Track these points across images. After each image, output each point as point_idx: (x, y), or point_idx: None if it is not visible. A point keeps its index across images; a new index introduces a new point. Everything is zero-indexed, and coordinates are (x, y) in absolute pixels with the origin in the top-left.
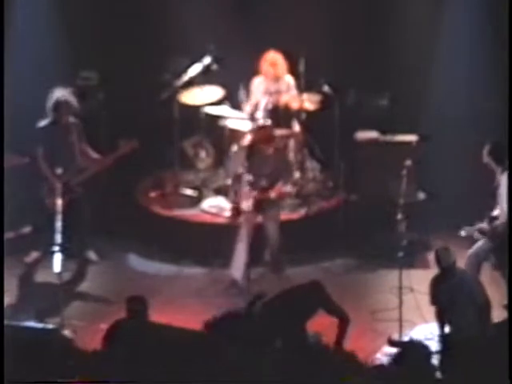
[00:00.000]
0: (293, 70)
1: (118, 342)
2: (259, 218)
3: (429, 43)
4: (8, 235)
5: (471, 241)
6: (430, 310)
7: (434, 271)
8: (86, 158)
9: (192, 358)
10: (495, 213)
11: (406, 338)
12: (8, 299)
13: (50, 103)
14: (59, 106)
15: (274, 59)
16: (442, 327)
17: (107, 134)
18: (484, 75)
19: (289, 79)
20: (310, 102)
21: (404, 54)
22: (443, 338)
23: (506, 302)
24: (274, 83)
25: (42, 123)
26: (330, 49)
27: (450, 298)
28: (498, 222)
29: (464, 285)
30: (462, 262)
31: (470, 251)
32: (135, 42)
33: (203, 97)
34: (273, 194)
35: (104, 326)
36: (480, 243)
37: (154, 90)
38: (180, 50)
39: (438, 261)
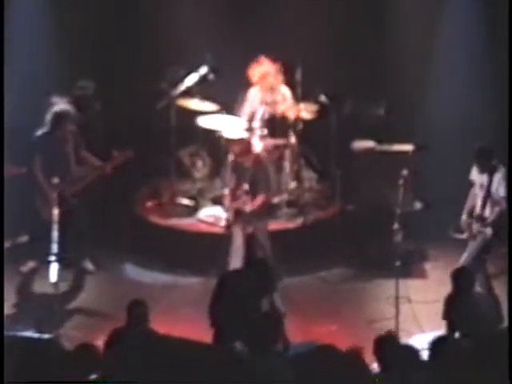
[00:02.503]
0: (289, 80)
1: (117, 351)
2: (249, 229)
3: (425, 52)
4: (5, 245)
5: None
6: (426, 320)
7: (430, 281)
8: (87, 165)
9: (193, 368)
10: (486, 213)
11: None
12: (4, 309)
13: (49, 115)
14: (60, 117)
15: (264, 70)
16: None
17: (104, 143)
18: (482, 84)
19: (284, 90)
20: (306, 111)
21: (400, 64)
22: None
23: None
24: (270, 94)
25: (39, 133)
26: (327, 58)
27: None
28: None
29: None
30: None
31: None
32: (132, 51)
33: (200, 107)
34: (248, 208)
35: (102, 338)
36: (467, 256)
37: (151, 99)
38: (177, 59)
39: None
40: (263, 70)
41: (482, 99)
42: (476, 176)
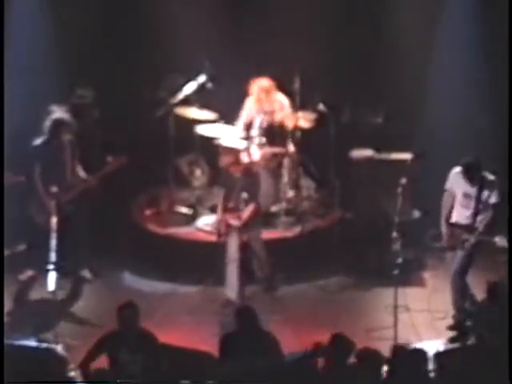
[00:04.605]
0: (288, 89)
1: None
2: (244, 238)
3: (423, 61)
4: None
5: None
6: (425, 329)
7: (429, 289)
8: (75, 176)
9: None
10: (476, 223)
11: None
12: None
13: (47, 122)
14: (57, 125)
15: (265, 86)
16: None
17: (102, 151)
18: (480, 92)
19: (282, 98)
20: (305, 120)
21: (399, 73)
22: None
23: None
24: (268, 103)
25: (37, 142)
26: (325, 67)
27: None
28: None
29: None
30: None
31: (454, 269)
32: (130, 59)
33: (198, 115)
34: (236, 223)
35: None
36: (459, 258)
37: (150, 107)
38: (176, 67)
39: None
40: (261, 84)
41: (482, 99)
42: (459, 186)
